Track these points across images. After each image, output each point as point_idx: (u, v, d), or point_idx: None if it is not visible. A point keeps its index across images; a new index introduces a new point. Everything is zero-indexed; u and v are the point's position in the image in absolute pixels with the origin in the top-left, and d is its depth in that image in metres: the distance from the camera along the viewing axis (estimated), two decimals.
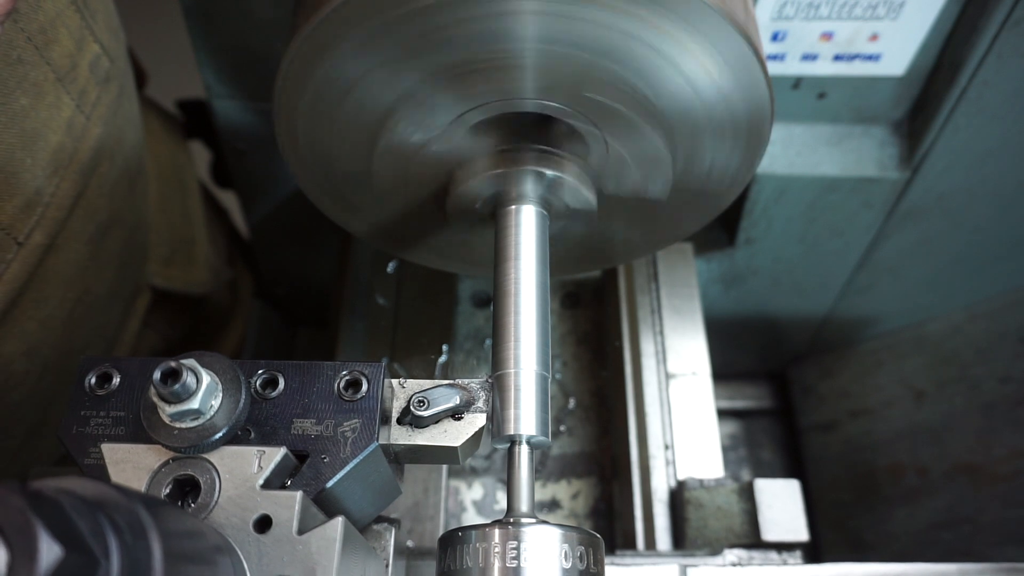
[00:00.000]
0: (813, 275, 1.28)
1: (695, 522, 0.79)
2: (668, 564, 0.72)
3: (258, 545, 0.44)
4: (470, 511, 0.93)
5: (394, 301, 1.01)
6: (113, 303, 0.86)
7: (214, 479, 0.47)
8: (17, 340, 0.69)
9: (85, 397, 0.52)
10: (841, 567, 0.70)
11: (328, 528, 0.45)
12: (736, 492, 0.78)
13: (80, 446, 0.50)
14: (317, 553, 0.44)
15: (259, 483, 0.47)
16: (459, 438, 0.55)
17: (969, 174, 1.04)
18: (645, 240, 0.81)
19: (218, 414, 0.48)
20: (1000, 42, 0.86)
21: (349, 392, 0.52)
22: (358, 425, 0.51)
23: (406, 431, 0.55)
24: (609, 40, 0.55)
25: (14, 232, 0.63)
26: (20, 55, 0.59)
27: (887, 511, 1.38)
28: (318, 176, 0.69)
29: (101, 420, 0.51)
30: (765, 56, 0.59)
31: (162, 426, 0.47)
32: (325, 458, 0.50)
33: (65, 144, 0.67)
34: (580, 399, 1.01)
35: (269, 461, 0.47)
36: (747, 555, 0.75)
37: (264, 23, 0.90)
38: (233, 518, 0.45)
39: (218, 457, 0.48)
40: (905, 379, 1.41)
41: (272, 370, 0.53)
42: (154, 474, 0.47)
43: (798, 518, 0.75)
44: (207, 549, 0.40)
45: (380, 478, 0.55)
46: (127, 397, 0.52)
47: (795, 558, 0.75)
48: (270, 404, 0.52)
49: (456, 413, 0.55)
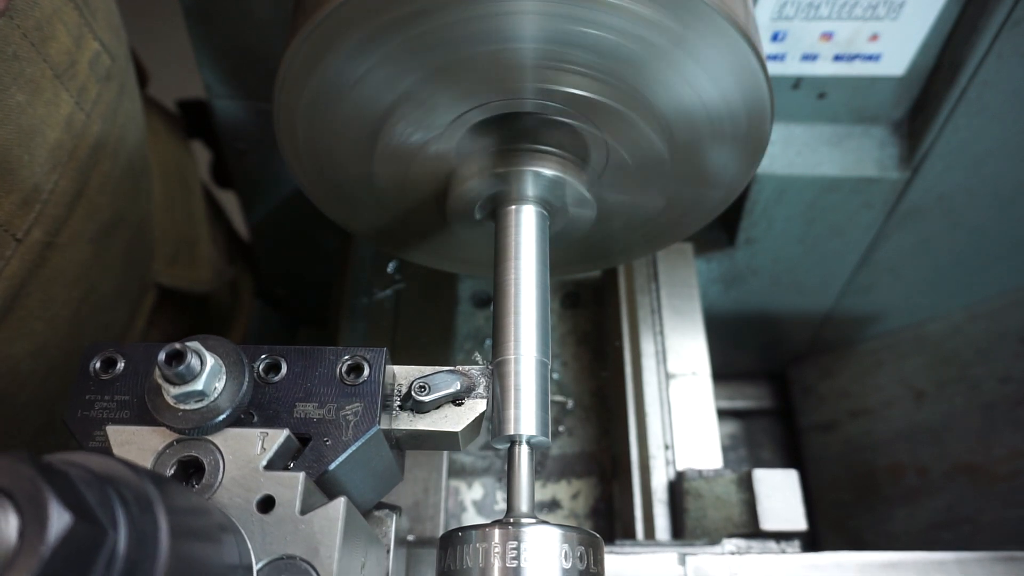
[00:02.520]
0: (813, 275, 1.28)
1: (694, 512, 0.79)
2: (667, 552, 0.72)
3: (261, 525, 0.45)
4: (470, 511, 0.93)
5: (394, 301, 1.01)
6: (119, 302, 0.86)
7: (218, 460, 0.47)
8: (24, 340, 0.69)
9: (90, 382, 0.52)
10: (838, 555, 0.71)
11: (331, 508, 0.45)
12: (735, 482, 0.78)
13: (85, 429, 0.51)
14: (320, 533, 0.44)
15: (262, 464, 0.47)
16: (460, 423, 0.55)
17: (969, 174, 1.04)
18: (645, 240, 0.81)
19: (222, 396, 0.48)
20: (1000, 42, 0.86)
21: (351, 376, 0.53)
22: (360, 409, 0.52)
23: (407, 416, 0.55)
24: (609, 40, 0.55)
25: (12, 228, 0.63)
26: (15, 51, 0.59)
27: (887, 511, 1.38)
28: (318, 176, 0.69)
29: (106, 404, 0.51)
30: (765, 56, 0.59)
31: (166, 408, 0.48)
32: (327, 441, 0.51)
33: (64, 141, 0.67)
34: (580, 399, 1.01)
35: (272, 443, 0.48)
36: (746, 544, 0.75)
37: (264, 23, 0.90)
38: (236, 498, 0.46)
39: (222, 439, 0.48)
40: (905, 379, 1.41)
41: (275, 355, 0.53)
42: (158, 455, 0.48)
43: (796, 508, 0.75)
44: (212, 527, 0.40)
45: (381, 463, 0.55)
46: (131, 382, 0.52)
47: (793, 547, 0.75)
48: (273, 388, 0.52)
49: (457, 399, 0.56)
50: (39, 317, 0.70)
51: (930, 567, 0.70)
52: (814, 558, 0.71)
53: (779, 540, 0.76)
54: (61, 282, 0.72)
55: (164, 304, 1.02)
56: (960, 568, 0.70)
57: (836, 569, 0.70)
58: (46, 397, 0.75)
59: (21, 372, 0.70)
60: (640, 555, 0.72)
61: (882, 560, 0.71)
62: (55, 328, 0.72)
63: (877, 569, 0.70)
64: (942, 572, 0.70)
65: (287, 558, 0.44)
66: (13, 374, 0.69)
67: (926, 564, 0.70)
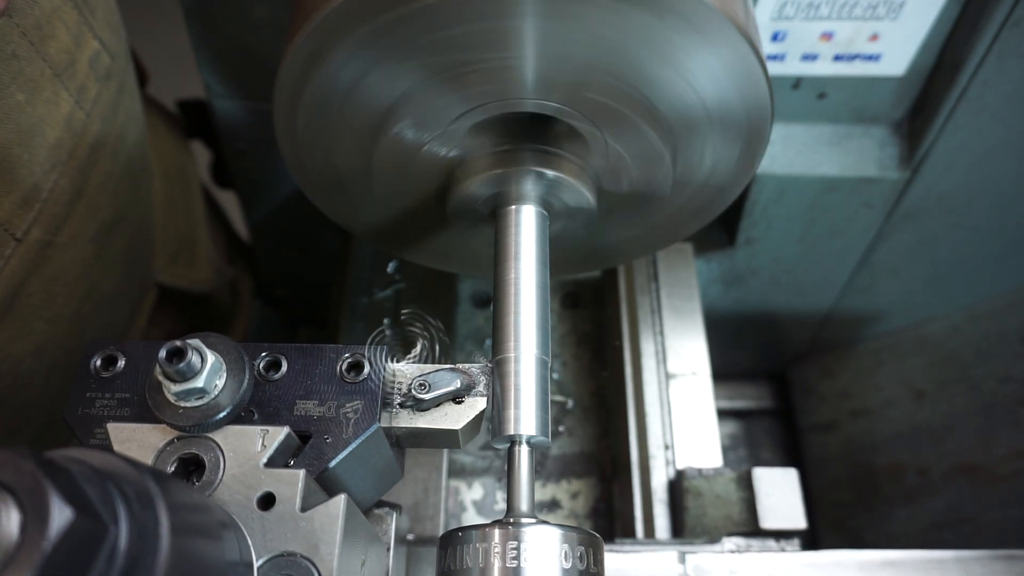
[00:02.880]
0: (813, 275, 1.28)
1: (694, 511, 0.79)
2: (667, 551, 0.72)
3: (262, 522, 0.45)
4: (470, 511, 0.93)
5: (394, 301, 1.01)
6: (120, 301, 0.86)
7: (218, 458, 0.47)
8: (25, 340, 0.69)
9: (90, 379, 0.52)
10: (838, 554, 0.71)
11: (331, 505, 0.45)
12: (735, 481, 0.78)
13: (86, 427, 0.51)
14: (320, 529, 0.45)
15: (263, 461, 0.47)
16: (460, 421, 0.55)
17: (969, 174, 1.04)
18: (645, 240, 0.81)
19: (222, 394, 0.48)
20: (1000, 42, 0.86)
21: (351, 374, 0.53)
22: (360, 406, 0.52)
23: (407, 414, 0.55)
24: (608, 40, 0.55)
25: (11, 228, 0.63)
26: (15, 50, 0.59)
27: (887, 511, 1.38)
28: (318, 176, 0.69)
29: (106, 401, 0.52)
30: (765, 56, 0.59)
31: (167, 405, 0.48)
32: (328, 439, 0.51)
33: (63, 140, 0.67)
34: (580, 399, 1.01)
35: (272, 440, 0.48)
36: (745, 543, 0.75)
37: (264, 24, 0.90)
38: (237, 495, 0.46)
39: (222, 436, 0.48)
40: (905, 379, 1.41)
41: (275, 352, 0.54)
42: (159, 453, 0.48)
43: (796, 506, 0.76)
44: (213, 523, 0.40)
45: (381, 461, 0.55)
46: (132, 379, 0.52)
47: (793, 546, 0.75)
48: (273, 386, 0.52)
49: (457, 397, 0.56)
50: (40, 316, 0.70)
51: (929, 565, 0.70)
52: (813, 556, 0.71)
53: (779, 538, 0.76)
54: (62, 281, 0.72)
55: (165, 303, 1.02)
56: (959, 566, 0.70)
57: (836, 567, 0.70)
58: (47, 396, 0.75)
59: (22, 372, 0.70)
60: (640, 553, 0.72)
61: (881, 559, 0.71)
62: (56, 327, 0.72)
63: (876, 568, 0.70)
64: (941, 571, 0.70)
65: (287, 555, 0.44)
66: (14, 374, 0.69)
67: (925, 562, 0.71)
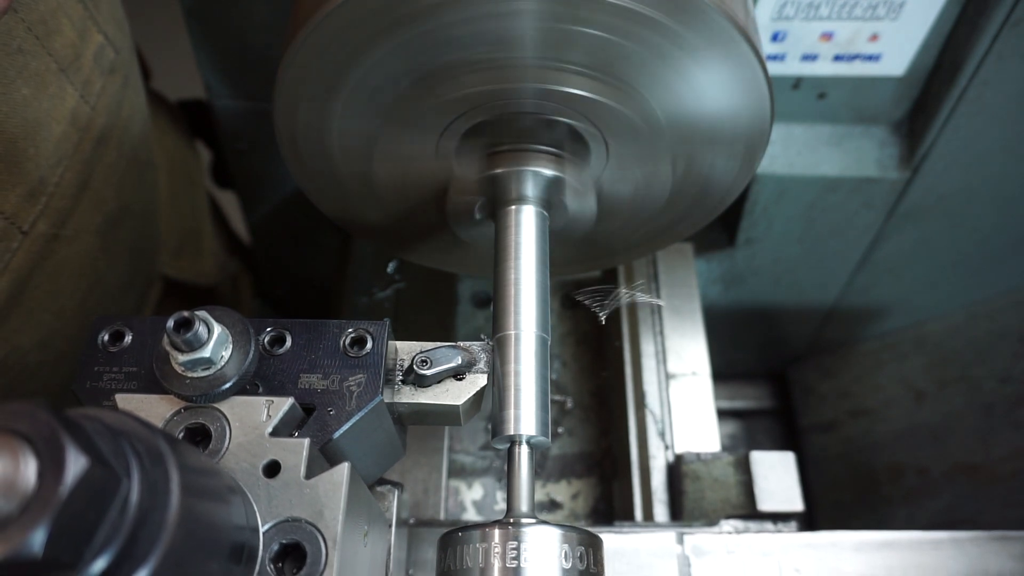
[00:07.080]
0: (813, 275, 1.28)
1: (692, 494, 0.80)
2: (666, 532, 0.72)
3: (267, 489, 0.46)
4: (470, 511, 0.93)
5: (394, 301, 1.01)
6: (126, 293, 0.87)
7: (224, 427, 0.48)
8: (32, 332, 0.69)
9: (98, 354, 0.53)
10: (834, 535, 0.72)
11: (335, 473, 0.46)
12: (732, 464, 0.79)
13: (94, 399, 0.52)
14: (324, 496, 0.45)
15: (268, 431, 0.48)
16: (461, 397, 0.56)
17: (969, 174, 1.04)
18: (645, 240, 0.81)
19: (228, 364, 0.49)
20: (1000, 42, 0.86)
21: (354, 349, 0.54)
22: (363, 380, 0.53)
23: (409, 390, 0.56)
24: (608, 40, 0.55)
25: (18, 221, 0.64)
26: (20, 45, 0.59)
27: (887, 511, 1.38)
28: (317, 176, 0.69)
29: (114, 375, 0.52)
30: (765, 56, 0.59)
31: (174, 375, 0.49)
32: (331, 411, 0.51)
33: (69, 133, 0.67)
34: (580, 399, 1.01)
35: (277, 410, 0.49)
36: (743, 525, 0.76)
37: (264, 23, 0.91)
38: (243, 463, 0.47)
39: (228, 406, 0.49)
40: (905, 379, 1.41)
41: (280, 327, 0.54)
42: (166, 423, 0.49)
43: (793, 488, 0.76)
44: (221, 487, 0.41)
45: (383, 435, 0.56)
46: (139, 354, 0.53)
47: (790, 528, 0.76)
48: (278, 360, 0.53)
49: (458, 373, 0.57)
50: (46, 309, 0.70)
51: (925, 546, 0.71)
52: (810, 537, 0.72)
53: (776, 521, 0.76)
54: (67, 274, 0.72)
55: (170, 296, 1.02)
56: (954, 546, 0.71)
57: (832, 548, 0.71)
58: (54, 388, 0.75)
59: (29, 363, 0.70)
60: (639, 534, 0.72)
61: (878, 539, 0.71)
62: (62, 319, 0.73)
63: (873, 548, 0.71)
64: (937, 551, 0.71)
65: (292, 520, 0.45)
66: (21, 365, 0.69)
67: (921, 543, 0.71)
